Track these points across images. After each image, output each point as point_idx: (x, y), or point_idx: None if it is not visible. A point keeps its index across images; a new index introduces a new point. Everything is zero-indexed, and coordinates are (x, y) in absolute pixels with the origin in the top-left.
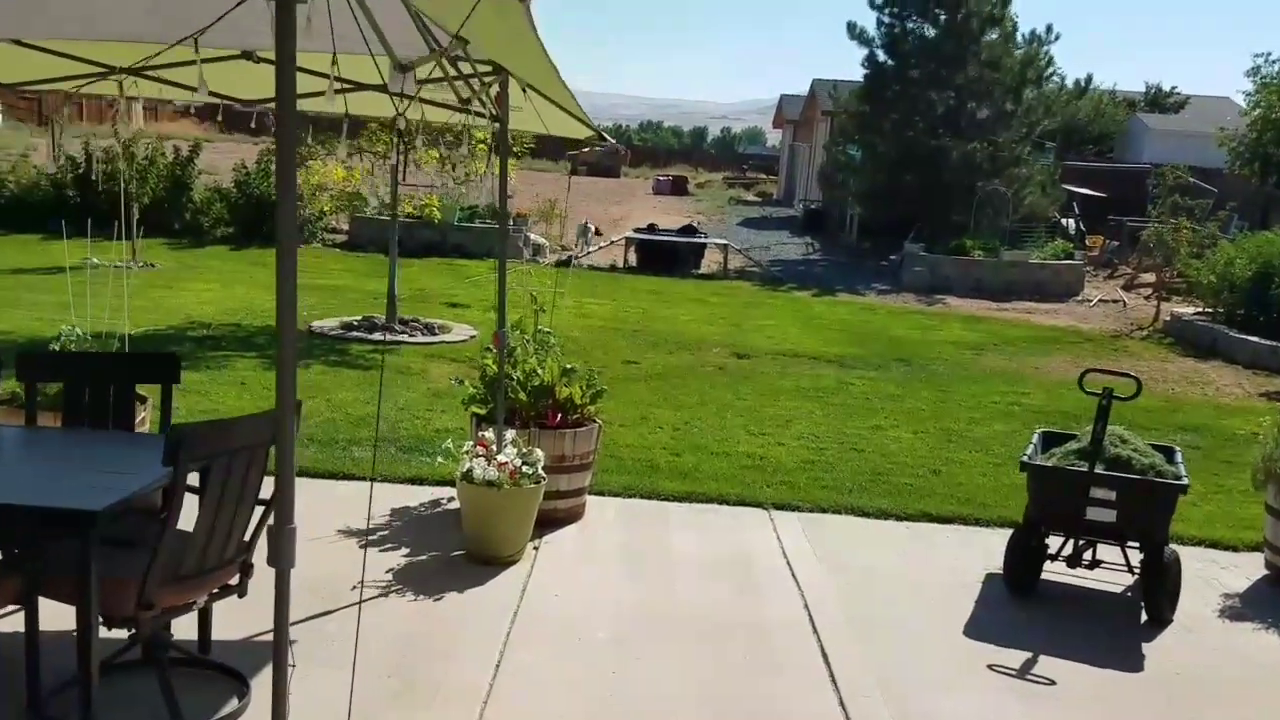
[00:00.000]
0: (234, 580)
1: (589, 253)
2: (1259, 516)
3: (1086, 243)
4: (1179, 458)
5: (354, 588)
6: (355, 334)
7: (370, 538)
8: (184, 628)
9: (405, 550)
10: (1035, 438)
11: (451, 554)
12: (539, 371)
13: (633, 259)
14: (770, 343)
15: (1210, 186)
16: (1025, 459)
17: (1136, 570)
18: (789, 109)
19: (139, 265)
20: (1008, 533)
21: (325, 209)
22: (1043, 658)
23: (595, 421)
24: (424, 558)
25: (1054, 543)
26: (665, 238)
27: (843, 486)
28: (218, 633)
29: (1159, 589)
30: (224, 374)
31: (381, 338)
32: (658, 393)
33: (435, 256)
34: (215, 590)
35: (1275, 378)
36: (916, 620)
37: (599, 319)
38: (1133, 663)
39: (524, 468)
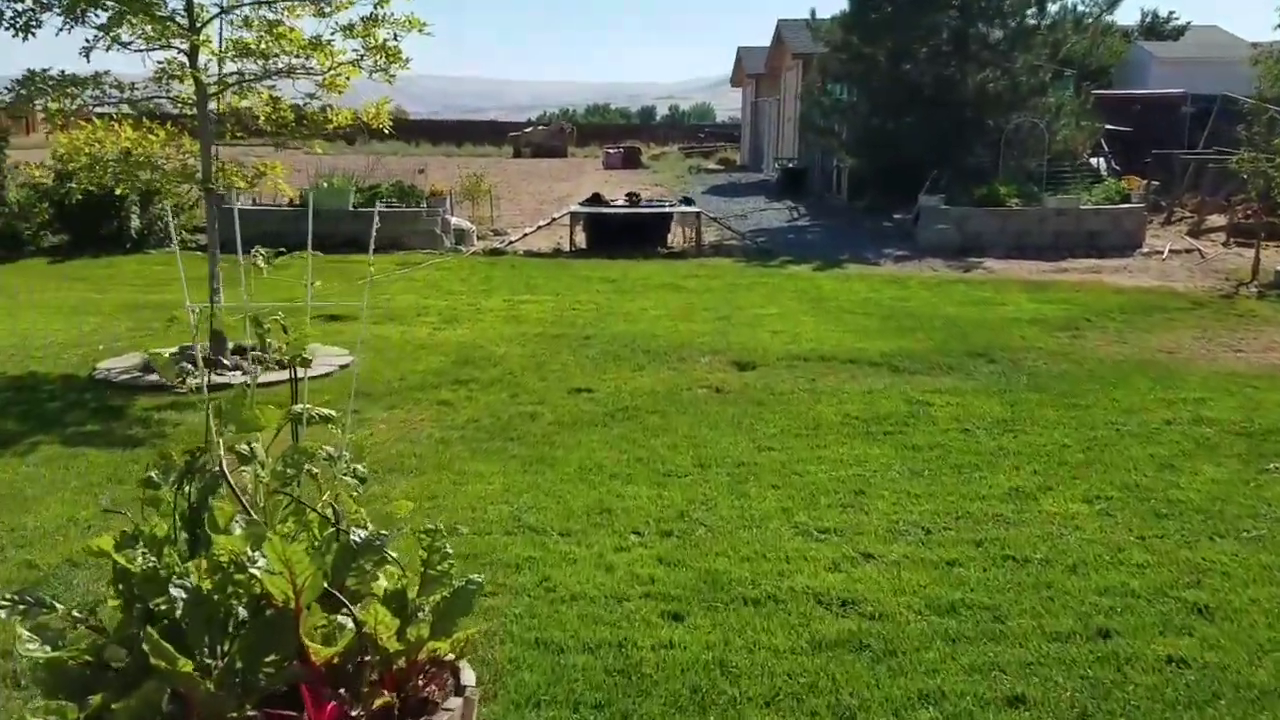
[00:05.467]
0: None
1: (525, 235)
2: None
3: (1122, 184)
4: None
5: None
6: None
7: None
8: None
9: None
10: None
11: None
12: (254, 573)
13: (581, 240)
14: (781, 341)
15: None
16: None
17: None
18: (750, 62)
19: None
20: None
21: (183, 202)
22: None
23: (455, 689)
24: None
25: None
26: (622, 209)
27: (1047, 696)
28: None
29: None
30: None
31: (197, 382)
32: (624, 447)
33: (324, 253)
34: None
35: None
36: None
37: (536, 323)
38: None
39: None
